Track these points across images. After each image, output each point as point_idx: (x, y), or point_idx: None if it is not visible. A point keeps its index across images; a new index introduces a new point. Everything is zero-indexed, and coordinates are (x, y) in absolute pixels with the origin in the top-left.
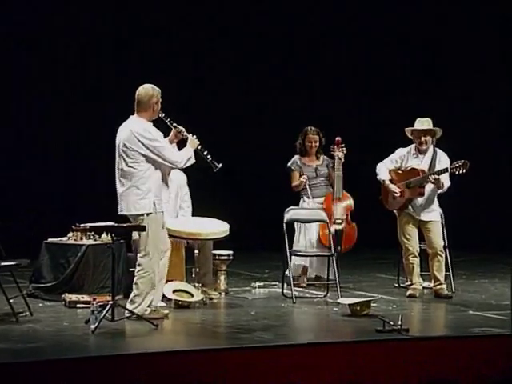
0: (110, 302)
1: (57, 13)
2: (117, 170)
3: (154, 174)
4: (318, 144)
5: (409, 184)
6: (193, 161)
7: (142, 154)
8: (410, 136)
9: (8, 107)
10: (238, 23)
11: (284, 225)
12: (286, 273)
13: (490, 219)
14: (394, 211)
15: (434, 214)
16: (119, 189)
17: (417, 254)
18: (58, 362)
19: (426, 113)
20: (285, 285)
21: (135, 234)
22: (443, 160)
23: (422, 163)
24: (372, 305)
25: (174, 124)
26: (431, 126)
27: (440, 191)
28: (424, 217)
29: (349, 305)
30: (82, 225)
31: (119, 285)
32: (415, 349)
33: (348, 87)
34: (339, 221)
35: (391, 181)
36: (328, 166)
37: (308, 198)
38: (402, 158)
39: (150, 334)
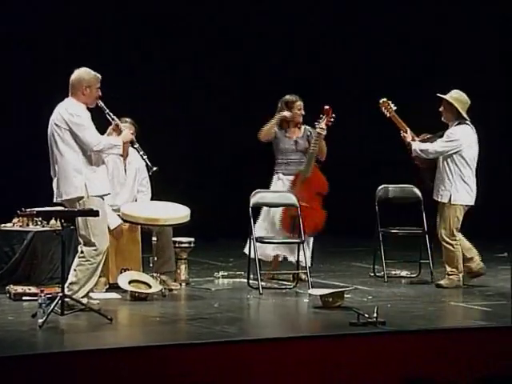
0: (60, 295)
1: (57, 13)
2: (50, 155)
3: (84, 153)
4: (303, 112)
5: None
6: (116, 151)
7: (68, 130)
8: None
9: (8, 107)
10: (238, 23)
11: (250, 209)
12: (252, 255)
13: (478, 208)
14: None
15: (443, 195)
16: (55, 174)
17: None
18: (2, 359)
19: (427, 113)
20: (251, 274)
21: None
22: (450, 133)
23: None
24: (345, 296)
25: (113, 117)
26: (445, 97)
27: (422, 155)
28: (436, 197)
29: (320, 296)
30: (28, 209)
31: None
32: (393, 343)
33: (348, 87)
34: (302, 206)
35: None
36: (308, 138)
37: (284, 174)
38: None
39: (103, 328)
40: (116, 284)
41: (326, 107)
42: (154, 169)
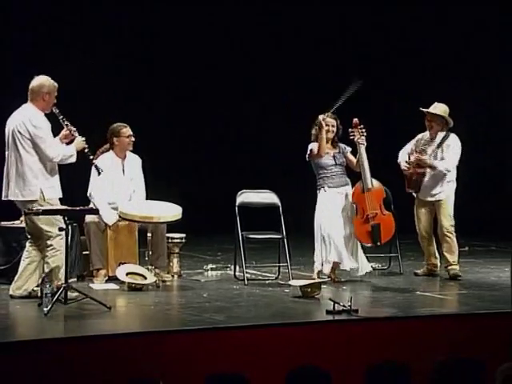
0: (63, 285)
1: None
2: (7, 156)
3: (42, 161)
4: (335, 130)
5: (412, 163)
6: (73, 160)
7: (30, 140)
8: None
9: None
10: (238, 23)
11: (236, 208)
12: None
13: None
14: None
15: (439, 195)
16: (9, 174)
17: (426, 236)
18: (11, 344)
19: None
20: (237, 267)
21: (88, 217)
22: (451, 145)
23: (429, 147)
24: (322, 286)
25: (66, 123)
26: (436, 112)
27: (435, 172)
28: (430, 198)
29: (300, 286)
30: (34, 208)
31: (72, 268)
32: (365, 329)
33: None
34: (374, 214)
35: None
36: (345, 153)
37: (329, 187)
38: (418, 141)
39: (103, 316)
40: (115, 276)
41: (355, 120)
42: (101, 172)
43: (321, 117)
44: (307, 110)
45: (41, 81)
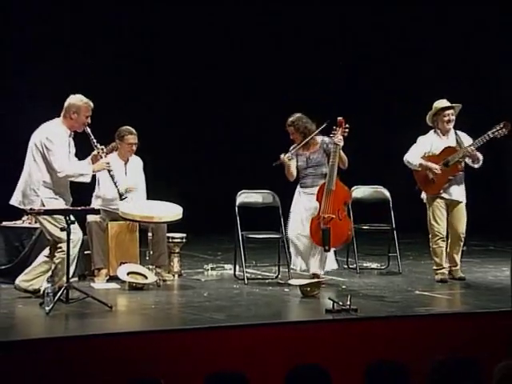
0: (65, 284)
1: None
2: (26, 163)
3: (49, 173)
4: (296, 136)
5: (447, 163)
6: (86, 180)
7: (41, 152)
8: (430, 123)
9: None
10: (238, 23)
11: (236, 208)
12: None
13: None
14: (423, 197)
15: (463, 195)
16: (20, 182)
17: (445, 239)
18: (12, 343)
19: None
20: (237, 266)
21: (90, 217)
22: (466, 138)
23: (449, 143)
24: (322, 286)
25: (96, 144)
26: (457, 105)
27: (476, 166)
28: (455, 196)
29: (299, 286)
30: (36, 208)
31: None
32: (364, 328)
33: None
34: (329, 219)
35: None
36: (325, 151)
37: (301, 187)
38: (430, 142)
39: (104, 315)
40: (116, 276)
41: (340, 118)
42: (123, 197)
43: (281, 156)
44: (307, 110)
45: (72, 100)
